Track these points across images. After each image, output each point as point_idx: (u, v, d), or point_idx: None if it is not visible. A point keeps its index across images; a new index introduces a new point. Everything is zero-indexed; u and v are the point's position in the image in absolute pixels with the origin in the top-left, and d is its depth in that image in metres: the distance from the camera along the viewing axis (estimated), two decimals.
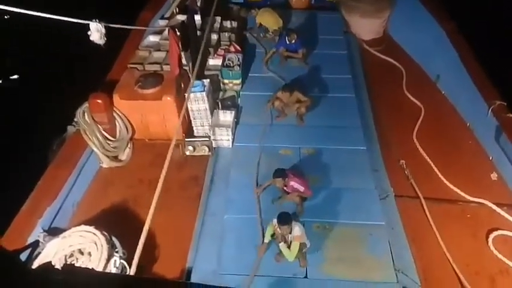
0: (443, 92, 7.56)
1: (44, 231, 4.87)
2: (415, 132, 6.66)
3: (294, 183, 5.00)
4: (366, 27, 9.10)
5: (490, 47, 8.66)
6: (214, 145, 6.31)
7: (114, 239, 4.66)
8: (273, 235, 4.57)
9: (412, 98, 7.40)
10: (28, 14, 3.43)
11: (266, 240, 4.63)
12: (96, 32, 4.29)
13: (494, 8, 10.88)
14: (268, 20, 8.27)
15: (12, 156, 8.03)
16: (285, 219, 4.35)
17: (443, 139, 6.60)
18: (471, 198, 5.59)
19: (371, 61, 8.44)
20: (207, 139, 6.25)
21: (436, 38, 7.94)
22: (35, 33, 9.22)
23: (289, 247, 4.41)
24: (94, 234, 4.58)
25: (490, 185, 5.87)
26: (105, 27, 4.34)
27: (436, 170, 6.01)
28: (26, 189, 5.26)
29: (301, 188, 5.03)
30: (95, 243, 4.49)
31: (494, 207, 5.45)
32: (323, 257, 4.78)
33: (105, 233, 4.62)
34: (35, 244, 4.69)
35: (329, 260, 4.76)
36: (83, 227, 4.69)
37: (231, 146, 6.34)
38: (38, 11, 3.55)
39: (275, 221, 4.41)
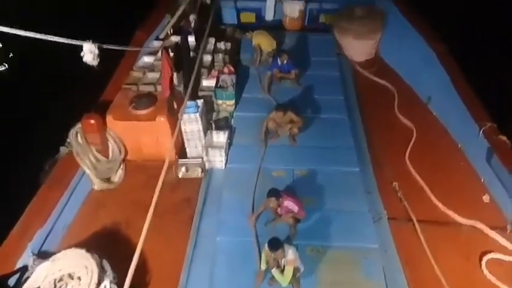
0: (434, 114, 7.63)
1: (34, 254, 4.79)
2: (407, 153, 6.69)
3: (289, 203, 4.97)
4: (358, 49, 9.24)
5: (480, 67, 8.79)
6: (207, 166, 6.29)
7: (104, 262, 4.57)
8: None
9: (404, 120, 7.46)
10: (21, 34, 3.42)
11: (263, 268, 4.56)
12: (90, 53, 4.25)
13: (484, 28, 11.13)
14: (262, 41, 8.32)
15: (12, 156, 8.06)
16: (275, 245, 4.28)
17: (435, 160, 6.63)
18: (464, 221, 5.59)
19: (363, 83, 8.54)
20: (200, 160, 6.23)
21: (427, 60, 8.05)
22: (29, 53, 9.24)
23: (282, 272, 4.35)
24: (84, 257, 4.50)
25: (482, 207, 5.87)
26: (99, 48, 4.34)
27: (428, 192, 6.02)
28: (25, 190, 5.28)
29: (296, 209, 4.99)
30: (85, 267, 4.40)
31: (486, 229, 5.46)
32: (317, 281, 4.73)
33: (96, 256, 4.53)
34: (24, 268, 4.60)
35: (323, 284, 4.71)
36: (74, 250, 4.61)
37: (224, 167, 6.33)
38: (31, 31, 3.55)
39: (267, 246, 4.35)
